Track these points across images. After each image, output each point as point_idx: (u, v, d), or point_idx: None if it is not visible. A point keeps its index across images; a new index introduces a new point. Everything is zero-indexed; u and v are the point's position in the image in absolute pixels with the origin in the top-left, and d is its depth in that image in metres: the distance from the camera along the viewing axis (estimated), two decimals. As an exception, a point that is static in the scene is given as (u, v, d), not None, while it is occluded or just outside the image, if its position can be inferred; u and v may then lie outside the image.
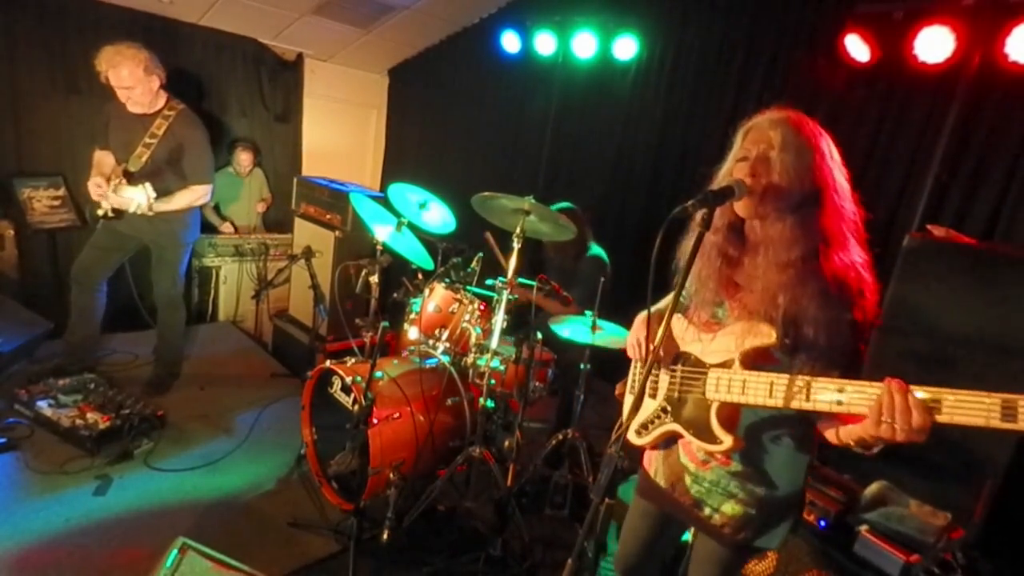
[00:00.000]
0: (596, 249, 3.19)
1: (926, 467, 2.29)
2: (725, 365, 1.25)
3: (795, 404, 1.10)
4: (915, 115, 2.84)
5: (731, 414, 1.26)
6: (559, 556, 2.43)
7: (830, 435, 1.17)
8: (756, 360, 1.21)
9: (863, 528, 2.08)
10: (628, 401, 1.58)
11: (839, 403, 1.05)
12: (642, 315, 1.51)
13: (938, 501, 2.16)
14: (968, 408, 0.91)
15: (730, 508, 1.35)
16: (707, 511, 1.39)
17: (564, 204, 3.16)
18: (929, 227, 2.53)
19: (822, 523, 2.14)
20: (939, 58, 2.53)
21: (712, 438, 1.25)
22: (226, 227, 4.67)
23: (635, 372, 1.57)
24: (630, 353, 1.53)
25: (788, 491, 1.33)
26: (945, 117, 2.70)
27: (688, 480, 1.41)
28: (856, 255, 1.21)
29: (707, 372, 1.28)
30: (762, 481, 1.32)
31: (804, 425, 1.28)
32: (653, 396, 1.43)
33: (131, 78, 2.74)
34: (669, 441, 1.44)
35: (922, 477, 2.27)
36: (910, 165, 2.87)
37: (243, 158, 4.66)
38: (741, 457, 1.33)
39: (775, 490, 1.33)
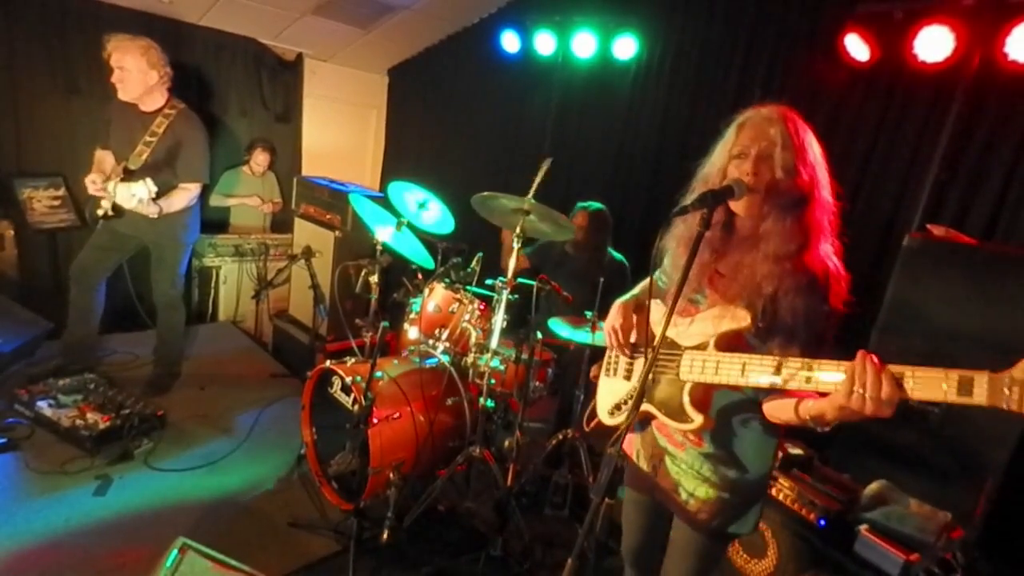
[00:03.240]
0: (618, 255, 3.21)
1: (926, 466, 2.29)
2: (700, 347, 1.27)
3: (764, 382, 1.13)
4: (915, 115, 2.84)
5: (704, 396, 1.29)
6: (559, 556, 2.43)
7: (781, 411, 1.20)
8: (730, 343, 1.25)
9: (863, 527, 2.08)
10: (603, 383, 1.62)
11: (808, 380, 1.08)
12: (619, 302, 1.54)
13: (938, 500, 2.16)
14: (929, 383, 0.95)
15: (704, 492, 1.39)
16: (683, 495, 1.42)
17: (596, 204, 3.16)
18: (929, 227, 2.52)
19: (822, 522, 2.13)
20: (939, 57, 2.53)
21: (684, 417, 1.28)
22: (253, 200, 4.66)
23: (611, 356, 1.60)
24: (607, 340, 1.55)
25: (758, 474, 1.38)
26: (945, 117, 2.70)
27: (668, 461, 1.45)
28: (830, 246, 1.27)
29: (682, 354, 1.30)
30: (733, 464, 1.37)
31: None
32: (628, 378, 1.50)
33: (130, 61, 2.77)
34: (644, 423, 1.47)
35: (922, 476, 2.28)
36: (910, 165, 2.86)
37: (261, 158, 4.67)
38: (712, 439, 1.37)
39: (746, 473, 1.37)
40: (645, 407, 1.37)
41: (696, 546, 1.45)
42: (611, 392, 1.55)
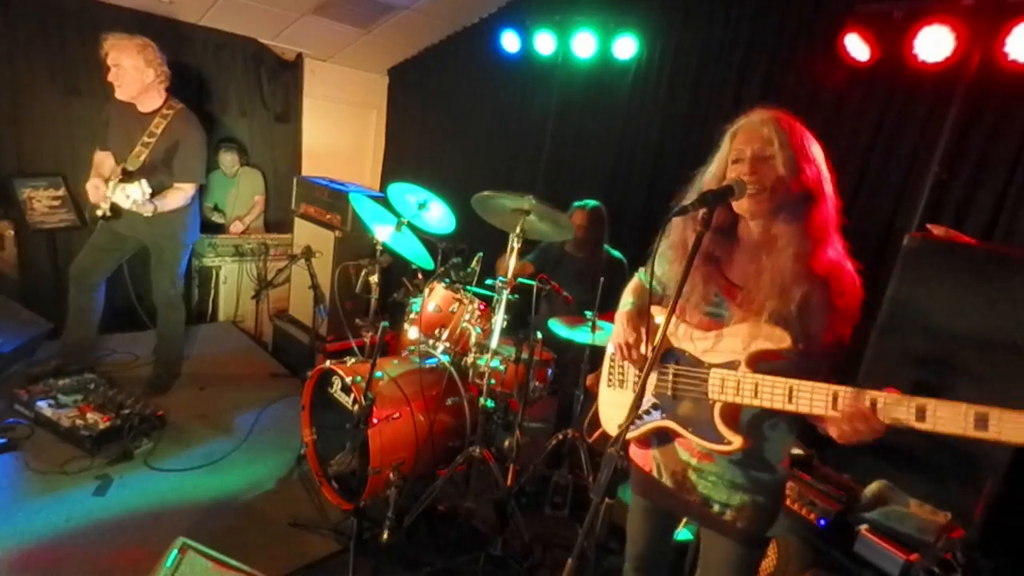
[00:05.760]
0: (615, 252, 3.21)
1: (926, 466, 2.28)
2: (730, 366, 1.24)
3: (818, 412, 1.13)
4: (915, 114, 2.84)
5: (732, 411, 1.26)
6: (559, 556, 2.44)
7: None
8: (765, 362, 1.21)
9: (863, 527, 2.07)
10: (603, 394, 1.58)
11: (874, 411, 1.07)
12: (623, 313, 1.49)
13: (938, 500, 2.16)
14: (946, 418, 0.98)
15: (738, 499, 1.36)
16: (716, 508, 1.38)
17: (592, 202, 3.16)
18: (929, 227, 2.52)
19: (822, 522, 2.13)
20: (939, 57, 2.52)
21: (718, 438, 1.25)
22: (235, 226, 4.66)
23: (612, 366, 1.56)
24: (617, 354, 1.49)
25: (782, 472, 1.38)
26: (945, 116, 2.69)
27: (693, 476, 1.40)
28: (839, 246, 1.27)
29: (708, 372, 1.27)
30: (763, 466, 1.35)
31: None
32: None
33: (126, 59, 2.77)
34: (663, 437, 1.43)
35: (922, 476, 2.27)
36: (910, 164, 2.86)
37: (226, 159, 4.64)
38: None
39: (775, 473, 1.36)
40: (668, 424, 1.34)
41: (738, 559, 1.41)
42: (618, 404, 1.51)
